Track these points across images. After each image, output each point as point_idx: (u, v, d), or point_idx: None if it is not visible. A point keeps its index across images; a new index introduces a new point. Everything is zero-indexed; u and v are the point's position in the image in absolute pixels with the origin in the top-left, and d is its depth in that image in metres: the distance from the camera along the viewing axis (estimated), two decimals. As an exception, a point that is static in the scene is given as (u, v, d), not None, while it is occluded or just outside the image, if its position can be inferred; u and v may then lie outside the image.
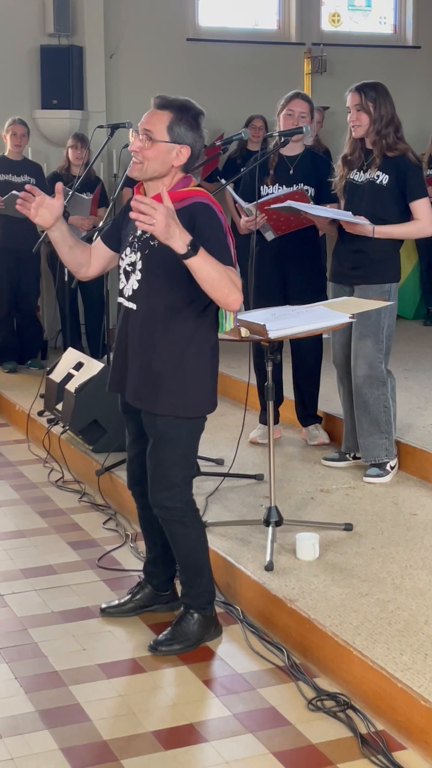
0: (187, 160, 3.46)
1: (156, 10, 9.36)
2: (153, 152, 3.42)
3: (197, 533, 3.72)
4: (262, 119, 8.84)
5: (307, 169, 5.41)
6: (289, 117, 5.37)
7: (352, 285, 5.02)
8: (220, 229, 3.43)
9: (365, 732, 3.14)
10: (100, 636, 3.82)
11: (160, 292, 3.47)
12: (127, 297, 3.56)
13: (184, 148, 3.43)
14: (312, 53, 9.83)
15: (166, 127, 3.41)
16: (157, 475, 3.61)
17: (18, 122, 7.90)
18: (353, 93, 4.90)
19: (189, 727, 3.20)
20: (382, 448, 5.05)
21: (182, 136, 3.42)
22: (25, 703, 3.35)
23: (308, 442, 5.73)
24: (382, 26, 10.57)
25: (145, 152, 3.42)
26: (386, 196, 4.88)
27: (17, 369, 7.99)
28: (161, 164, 3.43)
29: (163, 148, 3.42)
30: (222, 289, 3.30)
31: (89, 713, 3.28)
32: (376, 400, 4.99)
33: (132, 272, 3.53)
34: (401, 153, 4.89)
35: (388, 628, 3.50)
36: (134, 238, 3.54)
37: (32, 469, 5.91)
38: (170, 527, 3.68)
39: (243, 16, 9.94)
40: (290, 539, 4.21)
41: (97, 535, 4.84)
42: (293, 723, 3.21)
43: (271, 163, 5.48)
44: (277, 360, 4.20)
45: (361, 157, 4.98)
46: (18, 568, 4.45)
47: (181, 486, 3.63)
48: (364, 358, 4.97)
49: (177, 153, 3.43)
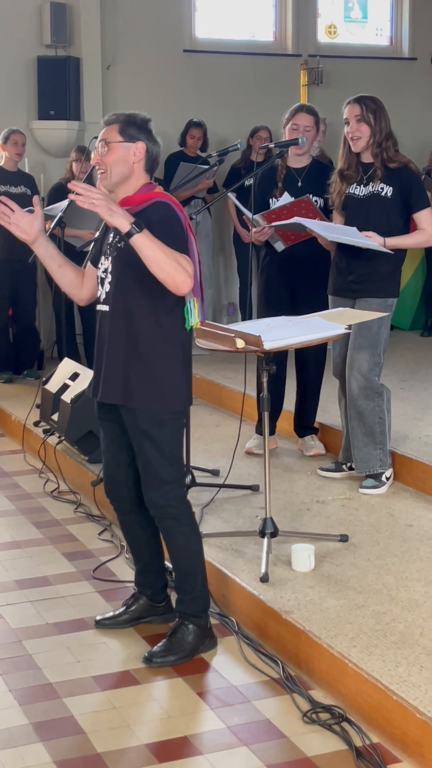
0: (146, 158, 3.61)
1: (153, 22, 9.38)
2: (112, 155, 3.59)
3: (191, 532, 3.73)
4: (267, 130, 8.85)
5: (315, 181, 5.41)
6: (294, 131, 5.38)
7: (355, 298, 5.01)
8: (174, 221, 3.52)
9: (360, 745, 3.13)
10: (95, 648, 3.81)
11: (128, 290, 3.56)
12: (102, 301, 3.67)
13: (139, 144, 3.59)
14: (308, 65, 9.86)
15: (117, 131, 3.61)
16: (147, 475, 3.65)
17: (18, 131, 7.91)
18: (353, 104, 4.89)
19: (183, 739, 3.19)
20: (377, 459, 5.04)
21: (134, 135, 3.60)
22: (19, 715, 3.33)
23: (304, 453, 5.72)
24: (378, 38, 10.59)
25: (106, 158, 3.59)
26: (391, 208, 4.88)
27: (13, 379, 7.98)
28: (123, 164, 3.58)
29: (120, 149, 3.58)
30: (168, 270, 3.41)
31: (83, 725, 3.26)
32: (371, 412, 4.98)
33: (105, 278, 3.64)
34: (403, 164, 4.89)
35: (384, 640, 3.49)
36: (106, 245, 3.67)
37: (28, 479, 5.89)
38: (165, 525, 3.70)
39: (240, 27, 9.96)
40: (286, 550, 4.20)
41: (92, 545, 4.83)
42: (288, 735, 3.20)
43: (279, 176, 5.49)
44: (272, 371, 4.19)
45: (359, 171, 4.98)
46: (13, 579, 4.43)
47: (172, 483, 3.66)
48: (359, 369, 4.97)
49: (134, 151, 3.59)
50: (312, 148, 5.56)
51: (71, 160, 8.09)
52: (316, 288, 5.48)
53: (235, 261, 9.35)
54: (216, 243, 9.45)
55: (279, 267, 5.53)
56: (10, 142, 7.88)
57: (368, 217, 4.90)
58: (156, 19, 9.40)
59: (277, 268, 5.53)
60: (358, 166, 4.98)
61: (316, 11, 10.17)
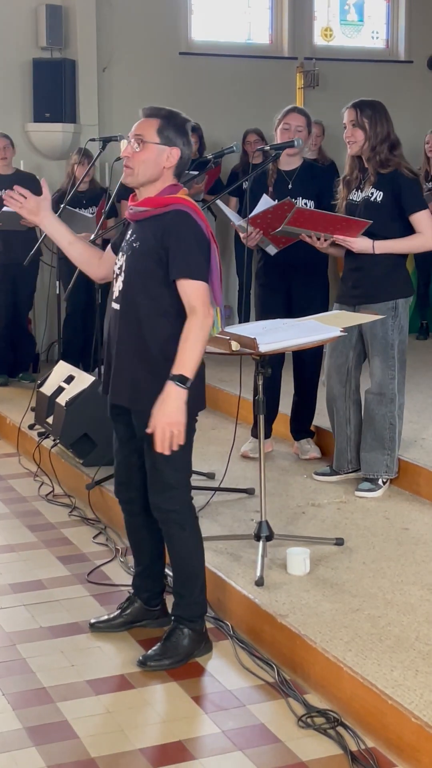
0: (177, 164, 3.55)
1: (149, 24, 9.37)
2: (145, 154, 3.51)
3: (194, 539, 3.70)
4: (257, 133, 8.85)
5: (306, 182, 5.40)
6: (286, 131, 5.37)
7: (355, 305, 4.98)
8: (193, 239, 3.48)
9: (356, 749, 3.12)
10: (89, 651, 3.79)
11: (140, 292, 3.53)
12: (114, 299, 3.63)
13: (174, 150, 3.52)
14: (304, 68, 9.86)
15: (156, 130, 3.52)
16: (154, 477, 3.61)
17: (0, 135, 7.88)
18: (349, 109, 4.89)
19: (178, 744, 3.17)
20: (383, 464, 5.03)
21: (172, 139, 3.52)
22: (13, 719, 3.32)
23: (300, 457, 5.71)
24: (374, 41, 10.60)
25: (137, 155, 3.52)
26: (382, 213, 4.84)
27: (8, 382, 7.96)
28: (153, 166, 3.52)
29: (154, 150, 3.51)
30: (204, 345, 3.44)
31: (77, 730, 3.25)
32: (382, 417, 4.98)
33: (119, 275, 3.61)
34: (394, 168, 4.86)
35: (379, 644, 3.47)
36: (124, 242, 3.64)
37: (22, 482, 5.88)
38: (168, 530, 3.67)
39: (235, 30, 9.96)
40: (281, 554, 4.19)
41: (86, 549, 4.82)
42: (283, 740, 3.18)
43: (271, 179, 5.48)
44: (267, 374, 4.18)
45: (359, 176, 4.97)
46: (7, 583, 4.42)
47: (179, 488, 3.63)
48: (374, 376, 4.97)
49: (168, 155, 3.52)
50: (304, 151, 5.55)
51: (72, 163, 8.05)
52: (311, 291, 5.48)
53: (234, 263, 9.35)
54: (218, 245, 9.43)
55: (274, 271, 5.52)
56: None
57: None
58: (152, 22, 9.39)
59: (272, 271, 5.52)
60: (360, 171, 4.97)
61: (312, 14, 10.17)
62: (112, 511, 4.98)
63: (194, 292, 3.44)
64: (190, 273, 3.44)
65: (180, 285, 3.46)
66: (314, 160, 6.30)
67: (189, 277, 3.44)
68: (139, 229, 3.57)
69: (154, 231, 3.49)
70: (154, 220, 3.51)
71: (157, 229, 3.48)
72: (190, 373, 3.40)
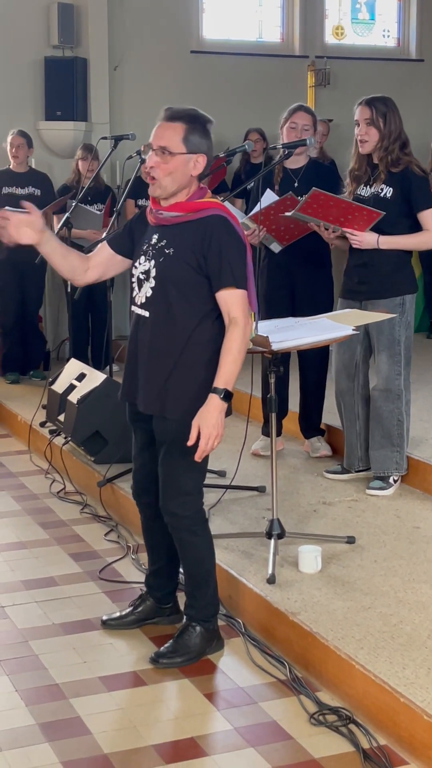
0: (204, 170, 3.48)
1: (160, 22, 9.38)
2: (172, 166, 3.43)
3: (206, 543, 3.71)
4: (258, 132, 8.85)
5: (312, 181, 5.39)
6: (293, 130, 5.37)
7: (362, 301, 4.99)
8: (235, 247, 3.44)
9: (368, 747, 3.12)
10: (101, 648, 3.80)
11: (173, 300, 3.47)
12: (139, 305, 3.56)
13: (201, 156, 3.45)
14: (315, 66, 9.86)
15: (181, 139, 3.42)
16: (169, 482, 3.60)
17: (17, 134, 7.90)
18: (363, 107, 4.87)
19: (190, 740, 3.18)
20: (393, 461, 5.04)
21: (197, 145, 3.44)
22: (26, 715, 3.33)
23: (311, 455, 5.71)
24: (385, 39, 10.59)
25: (163, 168, 3.42)
26: (391, 210, 4.85)
27: (19, 380, 7.98)
28: (181, 176, 3.45)
29: (181, 161, 3.43)
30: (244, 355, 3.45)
31: (90, 726, 3.26)
32: (390, 414, 4.98)
33: (145, 280, 3.53)
34: (405, 166, 4.87)
35: (391, 642, 3.48)
36: (148, 246, 3.55)
37: (34, 480, 5.89)
38: (179, 536, 3.67)
39: (247, 28, 9.96)
40: (292, 552, 4.19)
41: (98, 546, 4.83)
42: (295, 737, 3.19)
43: (276, 178, 5.48)
44: (280, 372, 4.19)
45: (368, 171, 4.97)
46: (19, 580, 4.43)
47: (193, 494, 3.63)
48: (381, 372, 4.97)
49: (194, 163, 3.45)
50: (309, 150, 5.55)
51: (77, 159, 8.08)
52: (315, 289, 5.48)
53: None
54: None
55: (278, 268, 5.52)
56: (7, 144, 7.88)
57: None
58: (163, 20, 9.40)
59: (276, 269, 5.52)
60: (368, 166, 4.97)
61: (323, 12, 10.18)
62: (124, 509, 5.00)
63: (236, 301, 3.42)
64: (234, 282, 3.41)
65: (222, 294, 3.43)
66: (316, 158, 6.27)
67: (233, 286, 3.42)
68: (170, 234, 3.49)
69: (191, 237, 3.43)
70: (189, 225, 3.45)
71: (195, 236, 3.42)
72: (231, 385, 3.42)
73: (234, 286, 3.42)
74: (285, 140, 5.34)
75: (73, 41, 8.98)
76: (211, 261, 3.40)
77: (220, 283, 3.42)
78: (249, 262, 3.51)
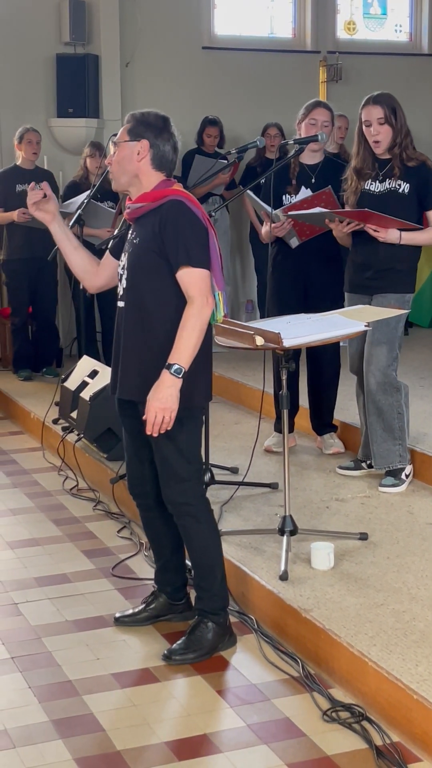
0: (153, 156, 3.57)
1: (171, 19, 9.37)
2: (119, 155, 3.60)
3: (210, 530, 3.72)
4: (277, 127, 8.84)
5: (329, 177, 5.38)
6: (312, 126, 5.36)
7: (372, 294, 4.99)
8: (189, 227, 3.51)
9: (380, 744, 3.12)
10: (114, 645, 3.81)
11: (142, 287, 3.56)
12: (119, 297, 3.68)
13: (143, 142, 3.56)
14: (327, 61, 9.82)
15: (127, 131, 3.61)
16: (165, 472, 3.64)
17: (32, 130, 7.91)
18: (373, 106, 4.83)
19: (203, 737, 3.19)
20: (396, 454, 5.03)
21: (140, 133, 3.58)
22: (39, 712, 3.34)
23: (323, 451, 5.71)
24: (397, 34, 10.55)
25: (114, 158, 3.60)
26: (408, 205, 4.86)
27: (32, 377, 8.00)
28: (127, 163, 3.58)
29: (125, 148, 3.58)
30: (201, 334, 3.47)
31: (102, 723, 3.27)
32: (390, 407, 4.97)
33: (123, 274, 3.65)
34: (421, 162, 4.88)
35: (404, 639, 3.47)
36: (126, 243, 3.68)
37: (47, 477, 5.90)
38: (183, 523, 3.69)
39: (258, 24, 9.94)
40: (305, 548, 4.19)
41: (111, 543, 4.83)
42: (308, 734, 3.19)
43: (293, 173, 5.47)
44: (292, 368, 4.19)
45: (375, 167, 4.96)
46: (32, 577, 4.44)
47: (190, 480, 3.65)
48: (377, 364, 4.95)
49: (138, 149, 3.56)
50: (327, 145, 5.54)
51: (85, 156, 8.09)
52: (327, 284, 5.47)
53: (252, 259, 9.34)
54: (234, 241, 9.43)
55: (290, 264, 5.51)
56: (24, 141, 7.87)
57: (384, 213, 4.87)
58: (175, 16, 9.39)
59: (289, 264, 5.52)
60: (374, 162, 4.96)
61: (335, 7, 10.14)
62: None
63: (192, 280, 3.48)
64: (189, 261, 3.47)
65: (180, 274, 3.49)
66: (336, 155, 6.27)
67: (188, 265, 3.47)
68: (138, 226, 3.61)
69: (151, 224, 3.53)
70: (150, 214, 3.55)
71: (154, 222, 3.52)
72: (185, 362, 3.44)
73: (190, 265, 3.47)
74: (303, 136, 5.34)
75: (85, 38, 8.98)
76: (168, 243, 3.49)
77: (176, 262, 3.49)
78: (212, 243, 3.56)
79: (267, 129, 8.88)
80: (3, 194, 7.87)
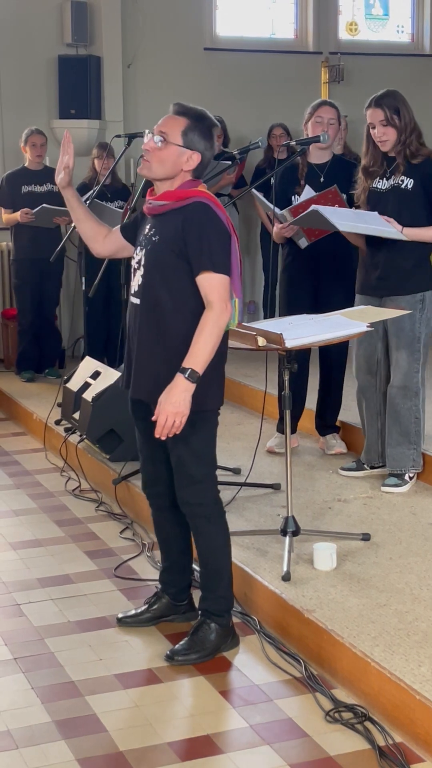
0: (197, 167, 3.55)
1: (173, 20, 9.37)
2: (165, 153, 3.52)
3: (221, 532, 3.72)
4: (282, 127, 8.85)
5: (337, 176, 5.38)
6: (318, 124, 5.36)
7: (381, 296, 4.97)
8: (214, 232, 3.48)
9: (383, 744, 3.12)
10: (117, 646, 3.81)
11: (160, 286, 3.53)
12: (133, 293, 3.65)
13: (195, 154, 3.52)
14: (329, 62, 9.83)
15: (181, 131, 3.51)
16: (180, 473, 3.64)
17: (36, 132, 7.92)
18: (375, 109, 4.83)
19: (206, 738, 3.19)
20: (410, 459, 5.02)
21: (195, 142, 3.51)
22: (42, 713, 3.34)
23: (326, 452, 5.70)
24: (399, 35, 10.55)
25: (158, 153, 3.52)
26: (412, 201, 4.85)
27: (35, 378, 8.00)
28: (171, 166, 3.52)
29: (175, 151, 3.51)
30: (218, 340, 3.46)
31: (105, 724, 3.27)
32: (407, 411, 4.96)
33: (138, 269, 3.61)
34: (425, 156, 4.87)
35: (407, 639, 3.47)
36: (143, 236, 3.64)
37: (49, 478, 5.91)
38: (195, 523, 3.69)
39: (260, 25, 9.94)
40: (307, 549, 4.19)
41: (113, 544, 4.83)
42: (311, 735, 3.19)
43: (301, 173, 5.47)
44: (294, 369, 4.18)
45: (383, 165, 4.96)
46: (35, 578, 4.44)
47: (205, 482, 3.65)
48: (399, 369, 4.94)
49: (188, 158, 3.52)
50: (334, 145, 5.54)
51: (93, 157, 8.11)
52: (339, 286, 5.46)
53: (260, 259, 9.34)
54: (242, 241, 9.44)
55: (302, 266, 5.51)
56: (29, 144, 7.89)
57: (389, 209, 4.87)
58: (176, 18, 9.40)
59: (300, 266, 5.52)
60: (383, 160, 4.96)
61: (337, 8, 10.14)
62: (139, 506, 5.00)
63: (213, 285, 3.45)
64: (212, 266, 3.45)
65: (200, 278, 3.47)
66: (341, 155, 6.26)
67: (211, 270, 3.45)
68: (158, 223, 3.57)
69: (174, 224, 3.49)
70: (173, 213, 3.51)
71: (177, 222, 3.49)
72: (200, 367, 3.42)
73: (212, 270, 3.45)
74: (310, 135, 5.34)
75: (87, 39, 8.98)
76: (191, 245, 3.45)
77: (198, 266, 3.46)
78: (234, 250, 3.54)
79: (272, 129, 8.89)
80: (10, 195, 7.88)
